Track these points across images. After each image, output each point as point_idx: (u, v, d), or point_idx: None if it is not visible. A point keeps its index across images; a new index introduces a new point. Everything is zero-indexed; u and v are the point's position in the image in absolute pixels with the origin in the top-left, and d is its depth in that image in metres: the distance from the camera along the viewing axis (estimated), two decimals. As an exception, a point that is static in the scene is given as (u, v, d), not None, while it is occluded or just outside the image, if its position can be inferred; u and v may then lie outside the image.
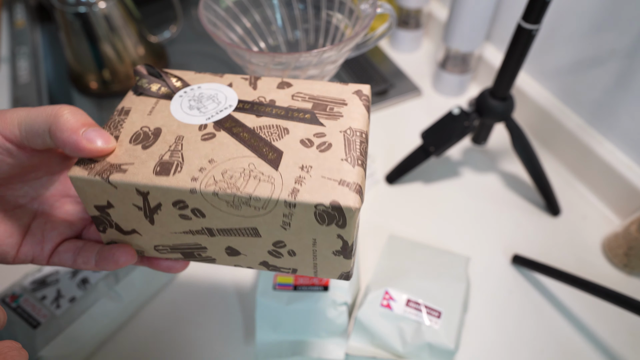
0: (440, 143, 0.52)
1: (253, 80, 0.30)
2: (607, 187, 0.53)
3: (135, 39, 0.67)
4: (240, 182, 0.24)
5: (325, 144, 0.25)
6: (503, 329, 0.45)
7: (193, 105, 0.28)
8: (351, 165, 0.24)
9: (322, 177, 0.23)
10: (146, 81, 0.29)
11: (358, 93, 0.28)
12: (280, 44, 0.48)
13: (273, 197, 0.23)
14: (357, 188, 0.23)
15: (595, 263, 0.50)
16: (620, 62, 0.49)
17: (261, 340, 0.41)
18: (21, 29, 0.81)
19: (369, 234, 0.52)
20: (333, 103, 0.28)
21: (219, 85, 0.29)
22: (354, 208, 0.23)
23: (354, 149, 0.25)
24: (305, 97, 0.28)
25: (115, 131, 0.26)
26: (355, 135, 0.26)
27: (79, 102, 0.67)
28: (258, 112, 0.27)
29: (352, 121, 0.26)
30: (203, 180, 0.24)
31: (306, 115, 0.27)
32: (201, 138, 0.26)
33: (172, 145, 0.25)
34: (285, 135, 0.26)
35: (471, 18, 0.58)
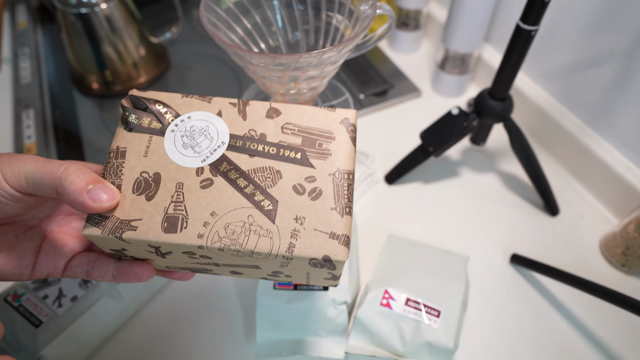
0: (439, 143, 0.52)
1: (242, 106, 0.30)
2: (605, 187, 0.54)
3: (137, 40, 0.67)
4: (242, 237, 0.26)
5: (316, 190, 0.28)
6: (502, 328, 0.45)
7: (187, 143, 0.29)
8: (340, 215, 0.27)
9: (314, 229, 0.26)
10: (135, 116, 0.29)
11: (345, 122, 0.30)
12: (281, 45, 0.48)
13: (272, 252, 0.26)
14: (345, 240, 0.26)
15: (593, 262, 0.50)
16: (618, 62, 0.49)
17: (261, 339, 0.42)
18: (23, 29, 0.81)
19: (368, 234, 0.52)
20: (321, 138, 0.29)
21: (208, 115, 0.30)
22: (343, 260, 0.26)
23: (342, 195, 0.27)
24: (295, 129, 0.29)
25: (117, 179, 0.28)
26: (343, 178, 0.28)
27: (81, 103, 0.68)
28: (250, 151, 0.29)
29: (339, 161, 0.28)
30: (208, 236, 0.26)
31: (297, 155, 0.28)
32: (200, 185, 0.27)
33: (174, 194, 0.27)
34: (278, 180, 0.28)
35: (470, 19, 0.58)
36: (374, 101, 0.67)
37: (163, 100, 0.30)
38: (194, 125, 0.29)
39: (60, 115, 0.66)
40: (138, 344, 0.44)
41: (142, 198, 0.27)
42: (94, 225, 0.26)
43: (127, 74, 0.68)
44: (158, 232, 0.26)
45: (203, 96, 0.30)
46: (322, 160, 0.28)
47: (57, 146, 0.61)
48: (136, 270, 0.29)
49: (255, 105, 0.30)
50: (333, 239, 0.26)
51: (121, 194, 0.27)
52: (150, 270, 0.30)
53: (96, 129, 0.64)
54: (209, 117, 0.29)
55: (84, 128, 0.64)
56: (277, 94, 0.44)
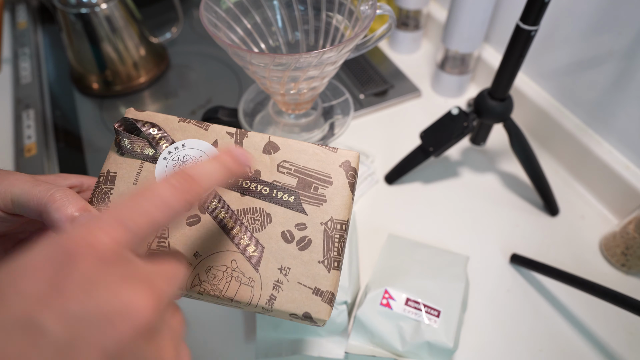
0: (439, 143, 0.52)
1: (239, 137, 0.29)
2: (605, 187, 0.54)
3: (137, 40, 0.67)
4: (222, 283, 0.25)
5: (305, 239, 0.26)
6: (502, 328, 0.45)
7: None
8: (327, 269, 0.26)
9: (298, 283, 0.25)
10: (128, 141, 0.28)
11: (345, 166, 0.28)
12: (281, 45, 0.48)
13: (252, 303, 0.25)
14: (329, 298, 0.25)
15: (593, 262, 0.50)
16: (618, 62, 0.49)
17: (262, 338, 0.42)
18: (23, 29, 0.81)
19: (368, 234, 0.52)
20: (318, 181, 0.28)
21: (203, 144, 0.29)
22: (324, 319, 0.25)
23: (332, 247, 0.26)
24: (291, 169, 0.28)
25: (104, 206, 0.27)
26: (335, 229, 0.27)
27: (81, 103, 0.68)
28: (242, 189, 0.27)
29: (334, 210, 0.27)
30: (189, 279, 0.25)
31: (290, 198, 0.27)
32: (187, 222, 0.27)
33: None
34: (267, 224, 0.27)
35: (470, 19, 0.58)
36: (374, 101, 0.67)
37: (159, 123, 0.29)
38: (187, 155, 0.28)
39: (61, 115, 0.66)
40: (138, 343, 0.44)
41: None
42: None
43: (127, 74, 0.68)
44: None
45: (201, 122, 0.29)
46: (315, 207, 0.27)
47: (57, 146, 0.61)
48: None
49: (254, 137, 0.29)
50: (316, 295, 0.25)
51: None
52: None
53: (96, 129, 0.64)
54: (204, 147, 0.28)
55: (84, 128, 0.64)
56: (277, 94, 0.44)
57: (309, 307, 0.25)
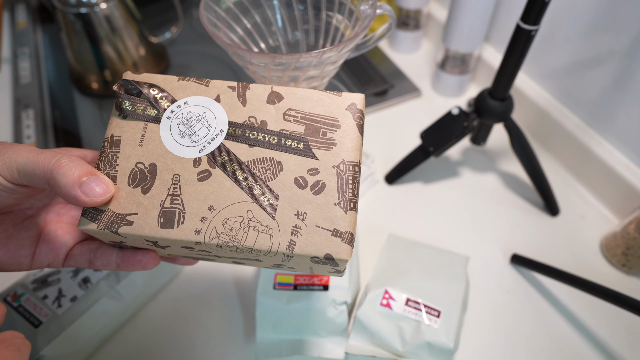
0: (439, 143, 0.52)
1: (241, 90, 0.28)
2: (606, 187, 0.54)
3: (136, 40, 0.67)
4: (240, 234, 0.25)
5: (319, 184, 0.26)
6: (502, 328, 0.45)
7: (183, 131, 0.27)
8: (344, 210, 0.26)
9: (316, 226, 0.25)
10: (129, 103, 0.28)
11: (351, 108, 0.28)
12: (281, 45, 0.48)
13: (272, 250, 0.25)
14: (349, 238, 0.25)
15: (593, 262, 0.50)
16: (618, 62, 0.49)
17: (261, 339, 0.42)
18: (22, 29, 0.81)
19: (368, 234, 0.52)
20: (326, 126, 0.27)
21: (206, 100, 0.28)
22: (346, 259, 0.25)
23: (346, 189, 0.26)
24: (297, 116, 0.28)
25: (112, 170, 0.27)
26: (347, 170, 0.26)
27: (80, 103, 0.68)
28: (250, 141, 0.27)
29: (344, 152, 0.27)
30: (206, 232, 0.25)
31: (299, 145, 0.27)
32: (197, 178, 0.26)
33: (170, 187, 0.26)
34: (279, 172, 0.26)
35: (470, 19, 0.58)
36: (374, 101, 0.67)
37: (158, 83, 0.29)
38: (190, 112, 0.28)
39: (60, 115, 0.66)
40: (138, 344, 0.44)
41: (138, 191, 0.26)
42: (89, 219, 0.25)
43: (127, 73, 0.68)
44: (154, 228, 0.25)
45: (200, 79, 0.29)
46: (325, 151, 0.27)
47: (57, 146, 0.61)
48: (140, 259, 0.28)
49: (256, 89, 0.28)
50: (336, 236, 0.25)
51: (116, 186, 0.26)
52: (155, 258, 0.29)
53: (96, 129, 0.64)
54: (207, 103, 0.28)
55: (83, 128, 0.64)
56: (277, 93, 0.44)
57: (329, 248, 0.25)
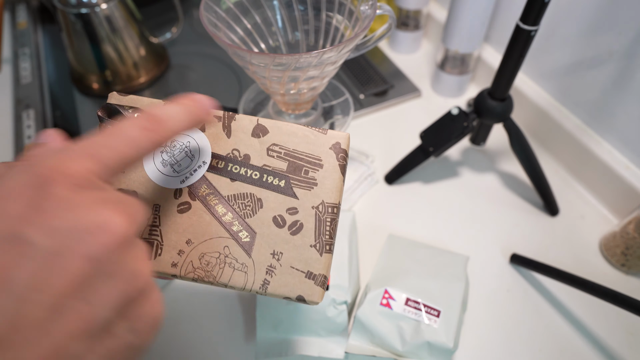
0: (439, 143, 0.52)
1: (227, 121, 0.28)
2: (605, 187, 0.54)
3: (137, 40, 0.67)
4: (216, 269, 0.26)
5: (297, 224, 0.27)
6: (501, 328, 0.45)
7: (166, 160, 0.27)
8: (319, 253, 0.26)
9: (291, 267, 0.26)
10: None
11: (335, 148, 0.28)
12: (281, 45, 0.48)
13: (246, 287, 0.26)
14: (321, 280, 0.26)
15: (593, 262, 0.50)
16: (618, 62, 0.49)
17: (261, 338, 0.42)
18: (23, 29, 0.81)
19: (368, 234, 0.52)
20: (308, 164, 0.27)
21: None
22: (317, 302, 0.26)
23: (324, 231, 0.26)
24: (281, 152, 0.28)
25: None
26: (326, 212, 0.27)
27: (81, 103, 0.68)
28: (232, 175, 0.27)
29: (325, 193, 0.27)
30: (182, 266, 0.26)
31: (280, 183, 0.27)
32: (177, 209, 0.27)
33: (150, 217, 0.26)
34: (259, 209, 0.27)
35: (470, 19, 0.58)
36: (374, 101, 0.67)
37: (143, 107, 0.28)
38: (175, 140, 0.28)
39: (61, 115, 0.66)
40: (138, 343, 0.44)
41: None
42: None
43: (127, 74, 0.68)
44: None
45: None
46: (306, 191, 0.27)
47: (58, 146, 0.61)
48: None
49: (242, 120, 0.28)
50: (309, 278, 0.26)
51: None
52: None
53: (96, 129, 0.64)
54: (192, 132, 0.28)
55: (84, 128, 0.64)
56: (277, 94, 0.44)
57: (302, 290, 0.26)
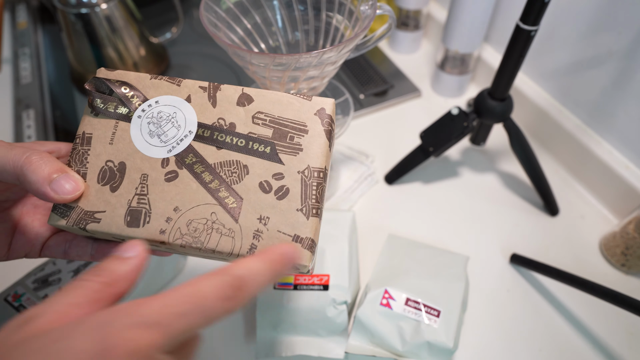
0: (439, 143, 0.52)
1: (212, 91, 0.29)
2: (605, 187, 0.54)
3: (137, 40, 0.67)
4: (204, 235, 0.26)
5: (283, 189, 0.27)
6: (501, 328, 0.45)
7: (153, 131, 0.28)
8: (306, 217, 0.26)
9: (278, 231, 0.26)
10: (100, 100, 0.28)
11: (320, 113, 0.28)
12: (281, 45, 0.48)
13: (234, 252, 0.26)
14: (309, 244, 0.26)
15: (593, 262, 0.50)
16: (618, 62, 0.49)
17: (261, 338, 0.42)
18: (23, 29, 0.81)
19: (368, 234, 0.52)
20: (294, 130, 0.28)
21: (177, 100, 0.28)
22: (305, 265, 0.25)
23: (310, 195, 0.26)
24: (266, 119, 0.28)
25: (82, 167, 0.27)
26: (312, 176, 0.27)
27: (81, 103, 0.68)
28: (218, 143, 0.27)
29: (310, 158, 0.27)
30: (170, 232, 0.26)
31: (266, 149, 0.27)
32: (165, 178, 0.27)
33: (138, 186, 0.27)
34: (245, 175, 0.27)
35: (470, 19, 0.58)
36: (374, 101, 0.67)
37: (130, 81, 0.29)
38: (161, 111, 0.28)
39: (61, 115, 0.66)
40: (138, 343, 0.44)
41: (107, 189, 0.27)
42: (59, 215, 0.26)
43: (127, 74, 0.68)
44: (121, 226, 0.26)
45: (173, 78, 0.29)
46: (292, 156, 0.27)
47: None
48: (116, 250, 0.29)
49: (227, 90, 0.28)
50: (297, 242, 0.26)
51: (86, 183, 0.27)
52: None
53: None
54: (177, 103, 0.28)
55: (84, 128, 0.64)
56: (277, 94, 0.44)
57: None
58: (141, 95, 0.28)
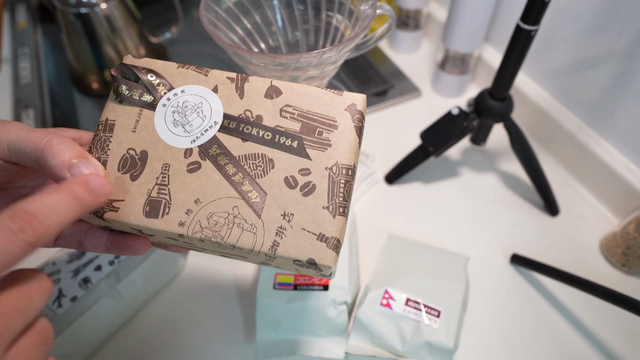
0: (439, 143, 0.52)
1: (240, 82, 0.28)
2: (606, 187, 0.54)
3: (137, 40, 0.67)
4: (224, 230, 0.25)
5: (309, 185, 0.25)
6: (502, 328, 0.45)
7: (177, 120, 0.27)
8: (332, 215, 0.25)
9: (302, 229, 0.25)
10: (126, 87, 0.28)
11: (351, 109, 0.27)
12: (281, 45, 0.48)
13: (255, 249, 0.24)
14: (335, 244, 0.24)
15: (593, 262, 0.50)
16: (618, 62, 0.49)
17: (261, 339, 0.42)
18: (23, 29, 0.81)
19: (368, 234, 0.52)
20: (323, 125, 0.27)
21: (203, 90, 0.28)
22: (329, 265, 0.24)
23: (337, 193, 0.25)
24: (294, 113, 0.27)
25: (103, 154, 0.27)
26: (340, 173, 0.26)
27: (80, 103, 0.68)
28: (244, 135, 0.26)
29: (339, 154, 0.26)
30: (190, 225, 0.25)
31: (293, 143, 0.26)
32: (187, 169, 0.26)
33: (159, 176, 0.26)
34: (270, 170, 0.26)
35: (470, 19, 0.58)
36: (374, 101, 0.67)
37: (157, 69, 0.28)
38: (187, 101, 0.27)
39: (60, 115, 0.66)
40: (138, 344, 0.44)
41: (127, 177, 0.26)
42: None
43: (127, 74, 0.68)
44: (139, 216, 0.25)
45: (200, 67, 0.28)
46: (319, 152, 0.26)
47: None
48: (131, 244, 0.28)
49: (255, 82, 0.28)
50: (321, 241, 0.24)
51: (106, 170, 0.26)
52: (146, 244, 0.28)
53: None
54: (204, 93, 0.27)
55: (84, 128, 0.64)
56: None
57: (313, 253, 0.24)
58: (167, 83, 0.28)
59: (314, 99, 0.27)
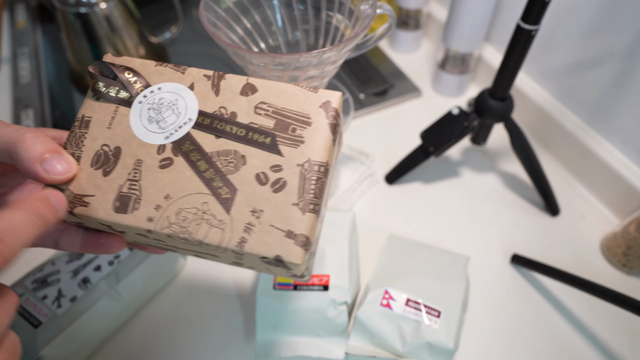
0: (439, 143, 0.52)
1: (216, 80, 0.28)
2: (606, 187, 0.54)
3: (136, 40, 0.67)
4: (192, 226, 0.25)
5: (280, 181, 0.25)
6: (502, 328, 0.45)
7: (153, 117, 0.27)
8: (302, 212, 0.25)
9: (270, 225, 0.24)
10: (103, 84, 0.28)
11: (326, 106, 0.27)
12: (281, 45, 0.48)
13: (222, 245, 0.24)
14: (303, 241, 0.24)
15: (594, 263, 0.50)
16: (619, 62, 0.49)
17: (261, 339, 0.42)
18: (22, 29, 0.81)
19: (368, 234, 0.52)
20: (297, 122, 0.26)
21: (179, 87, 0.28)
22: (297, 263, 0.24)
23: (308, 189, 0.25)
24: (269, 110, 0.27)
25: (77, 150, 0.27)
26: (312, 170, 0.25)
27: (80, 103, 0.68)
28: (217, 132, 0.26)
29: (312, 151, 0.26)
30: (158, 221, 0.25)
31: (266, 140, 0.26)
32: (159, 165, 0.26)
33: (131, 172, 0.26)
34: (241, 166, 0.26)
35: (470, 19, 0.58)
36: (374, 101, 0.67)
37: (135, 67, 0.28)
38: (163, 98, 0.27)
39: (60, 115, 0.66)
40: (138, 344, 0.44)
41: (99, 173, 0.26)
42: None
43: (126, 73, 0.68)
44: (109, 211, 0.25)
45: (178, 66, 0.28)
46: (292, 148, 0.26)
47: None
48: (104, 242, 0.28)
49: (231, 79, 0.28)
50: (289, 238, 0.24)
51: (79, 166, 0.26)
52: (119, 243, 0.28)
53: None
54: (180, 90, 0.28)
55: (83, 128, 0.64)
56: (277, 93, 0.44)
57: (280, 250, 0.24)
58: (144, 81, 0.28)
59: (289, 96, 0.27)
